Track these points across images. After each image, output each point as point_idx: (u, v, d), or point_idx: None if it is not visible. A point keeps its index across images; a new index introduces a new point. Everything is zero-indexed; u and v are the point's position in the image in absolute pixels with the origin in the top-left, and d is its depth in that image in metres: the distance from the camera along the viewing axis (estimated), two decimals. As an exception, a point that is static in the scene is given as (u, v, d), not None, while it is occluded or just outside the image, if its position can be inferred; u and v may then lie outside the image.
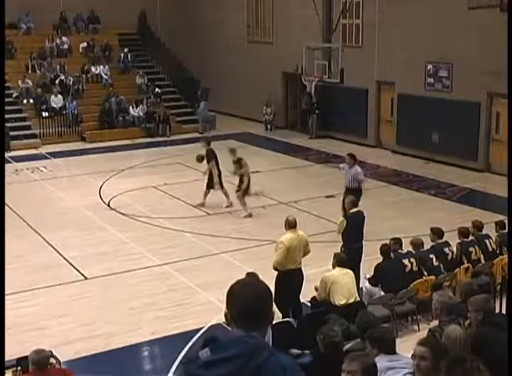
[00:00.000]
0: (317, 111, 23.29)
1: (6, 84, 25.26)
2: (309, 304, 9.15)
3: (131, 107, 24.75)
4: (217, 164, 14.93)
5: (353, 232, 10.06)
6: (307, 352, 6.57)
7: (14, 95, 24.84)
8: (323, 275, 8.70)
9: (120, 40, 28.48)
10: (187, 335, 8.89)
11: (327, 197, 15.57)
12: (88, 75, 26.23)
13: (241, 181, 14.27)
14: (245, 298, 2.78)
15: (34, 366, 5.73)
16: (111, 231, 13.71)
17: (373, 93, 21.58)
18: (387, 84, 21.15)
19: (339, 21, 22.01)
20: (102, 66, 26.46)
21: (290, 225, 9.02)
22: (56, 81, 25.29)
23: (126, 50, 27.46)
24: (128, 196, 16.21)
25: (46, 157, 21.17)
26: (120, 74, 26.91)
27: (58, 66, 26.01)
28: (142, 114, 24.67)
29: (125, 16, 27.52)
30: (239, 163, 14.33)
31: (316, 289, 8.84)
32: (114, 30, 28.24)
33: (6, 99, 24.60)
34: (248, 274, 8.44)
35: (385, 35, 20.42)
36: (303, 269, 9.12)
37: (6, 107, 24.19)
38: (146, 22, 29.05)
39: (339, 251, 9.70)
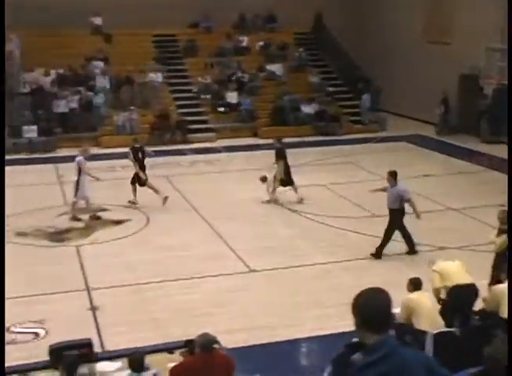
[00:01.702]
0: (491, 115, 22.22)
1: (187, 80, 26.63)
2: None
3: (303, 105, 25.06)
4: (285, 161, 15.46)
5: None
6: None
7: (193, 91, 26.08)
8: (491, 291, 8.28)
9: (295, 39, 28.93)
10: (349, 336, 8.85)
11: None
12: (264, 73, 26.89)
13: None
14: (377, 303, 3.18)
15: (200, 348, 6.00)
16: (278, 226, 13.99)
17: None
18: None
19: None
20: (277, 65, 27.02)
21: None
22: (233, 78, 26.20)
23: (301, 49, 27.85)
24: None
25: (220, 151, 21.99)
26: (294, 72, 27.29)
27: (235, 64, 26.92)
28: (313, 112, 24.89)
29: (301, 16, 27.86)
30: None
31: (484, 300, 8.46)
32: (290, 29, 28.74)
33: (187, 95, 25.96)
34: (412, 280, 8.27)
35: None
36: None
37: (187, 102, 25.54)
38: (322, 21, 29.26)
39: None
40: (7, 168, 18.46)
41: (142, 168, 15.66)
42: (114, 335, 8.90)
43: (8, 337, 8.93)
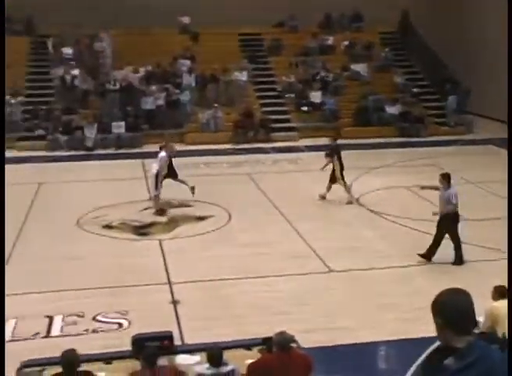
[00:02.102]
0: None
1: (271, 79, 26.76)
2: None
3: (387, 106, 24.75)
4: (339, 159, 15.43)
5: None
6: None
7: (278, 90, 26.20)
8: None
9: (381, 38, 28.60)
10: (429, 341, 8.72)
11: None
12: (348, 73, 26.72)
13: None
14: (461, 303, 3.14)
15: (277, 347, 6.05)
16: (358, 227, 13.91)
17: None
18: None
19: None
20: (361, 64, 26.79)
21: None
22: (317, 78, 26.15)
23: (387, 49, 27.52)
24: (378, 194, 16.27)
25: (302, 150, 22.01)
26: (379, 72, 26.99)
27: (320, 63, 26.86)
28: (397, 113, 24.56)
29: (388, 15, 27.51)
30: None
31: None
32: (376, 28, 28.43)
33: (271, 93, 26.10)
34: (497, 288, 8.05)
35: None
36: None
37: (270, 101, 25.68)
38: (409, 20, 28.80)
39: None
40: (96, 162, 19.16)
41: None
42: (194, 329, 9.07)
43: (93, 325, 9.27)
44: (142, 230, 13.79)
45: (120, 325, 9.31)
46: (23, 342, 8.84)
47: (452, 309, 3.12)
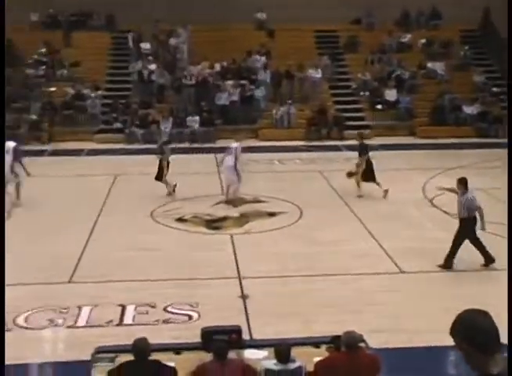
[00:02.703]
0: None
1: (346, 76, 26.59)
2: None
3: (464, 105, 24.21)
4: (368, 158, 15.89)
5: None
6: None
7: (353, 87, 26.00)
8: None
9: (461, 36, 27.98)
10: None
11: None
12: (424, 71, 26.27)
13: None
14: (487, 325, 3.03)
15: (345, 346, 6.05)
16: (431, 228, 13.68)
17: None
18: None
19: None
20: (438, 63, 26.29)
21: None
22: (393, 76, 25.82)
23: (466, 47, 26.90)
24: (452, 195, 15.92)
25: (376, 149, 21.76)
26: (457, 70, 26.43)
27: (396, 61, 26.51)
28: (476, 113, 23.99)
29: (469, 12, 26.88)
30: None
31: None
32: (455, 26, 27.82)
33: (345, 91, 25.94)
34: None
35: None
36: None
37: (345, 98, 25.53)
38: (490, 18, 28.06)
39: None
40: (172, 156, 19.43)
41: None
42: (262, 324, 9.13)
43: (164, 316, 9.47)
44: (214, 224, 13.97)
45: (190, 317, 9.47)
46: (96, 329, 9.11)
47: (478, 329, 2.99)
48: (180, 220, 14.19)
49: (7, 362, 8.09)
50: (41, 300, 9.89)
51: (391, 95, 24.93)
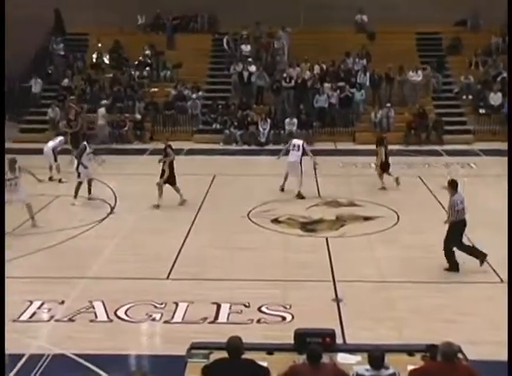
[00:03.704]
0: None
1: (448, 80, 25.96)
2: None
3: None
4: (385, 149, 16.72)
5: None
6: None
7: (455, 91, 25.36)
8: None
9: None
10: None
11: None
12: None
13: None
14: None
15: (442, 356, 5.91)
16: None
17: None
18: None
19: None
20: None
21: None
22: (498, 79, 24.99)
23: None
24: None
25: (477, 154, 21.17)
26: None
27: (501, 64, 25.64)
28: None
29: None
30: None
31: None
32: None
33: (446, 94, 25.33)
34: None
35: None
36: None
37: (446, 102, 24.94)
38: None
39: None
40: (267, 158, 19.59)
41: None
42: (355, 329, 9.06)
43: (258, 316, 9.56)
44: (309, 226, 13.98)
45: (284, 318, 9.52)
46: (191, 325, 9.31)
47: None
48: (275, 221, 14.28)
49: (106, 351, 8.46)
50: (140, 294, 10.21)
51: (495, 99, 24.13)
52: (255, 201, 15.63)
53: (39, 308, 9.84)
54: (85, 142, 16.18)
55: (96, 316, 9.56)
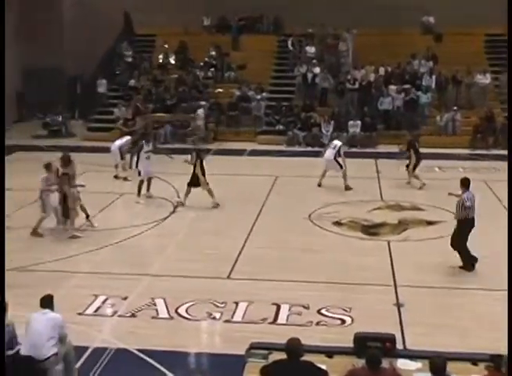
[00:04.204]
0: None
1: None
2: None
3: None
4: (416, 153, 17.22)
5: None
6: None
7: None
8: None
9: None
10: None
11: None
12: None
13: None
14: None
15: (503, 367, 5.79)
16: None
17: None
18: None
19: None
20: None
21: None
22: None
23: None
24: None
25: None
26: None
27: None
28: None
29: None
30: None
31: None
32: None
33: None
34: None
35: None
36: None
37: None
38: None
39: None
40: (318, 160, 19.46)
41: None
42: (416, 335, 8.94)
43: (317, 318, 9.54)
44: (371, 230, 13.87)
45: (343, 321, 9.47)
46: (251, 325, 9.35)
47: None
48: (337, 223, 14.22)
49: (166, 348, 8.59)
50: (200, 293, 10.32)
51: None
52: (317, 203, 15.59)
53: (103, 302, 10.08)
54: (143, 142, 16.44)
55: (158, 313, 9.72)
